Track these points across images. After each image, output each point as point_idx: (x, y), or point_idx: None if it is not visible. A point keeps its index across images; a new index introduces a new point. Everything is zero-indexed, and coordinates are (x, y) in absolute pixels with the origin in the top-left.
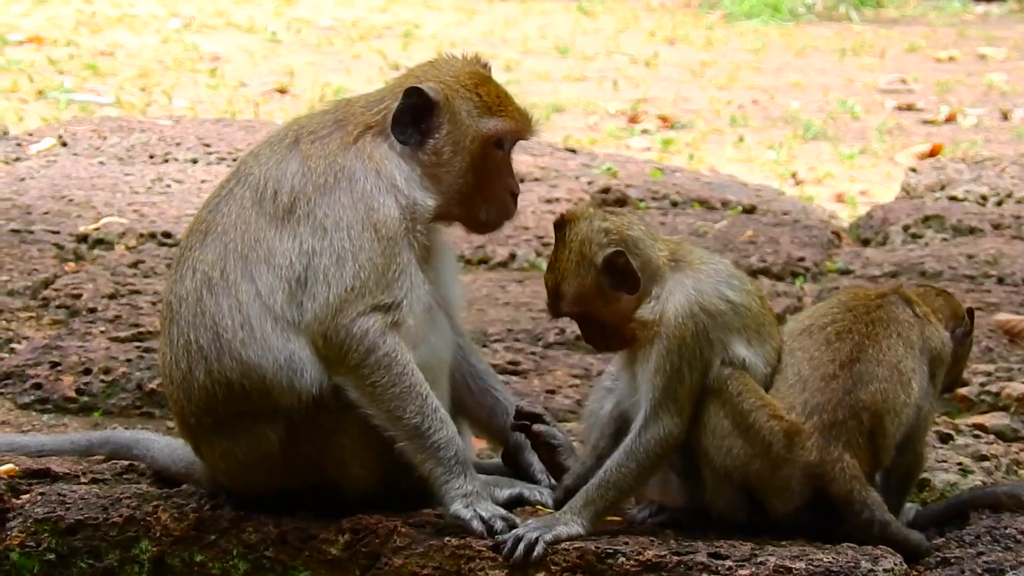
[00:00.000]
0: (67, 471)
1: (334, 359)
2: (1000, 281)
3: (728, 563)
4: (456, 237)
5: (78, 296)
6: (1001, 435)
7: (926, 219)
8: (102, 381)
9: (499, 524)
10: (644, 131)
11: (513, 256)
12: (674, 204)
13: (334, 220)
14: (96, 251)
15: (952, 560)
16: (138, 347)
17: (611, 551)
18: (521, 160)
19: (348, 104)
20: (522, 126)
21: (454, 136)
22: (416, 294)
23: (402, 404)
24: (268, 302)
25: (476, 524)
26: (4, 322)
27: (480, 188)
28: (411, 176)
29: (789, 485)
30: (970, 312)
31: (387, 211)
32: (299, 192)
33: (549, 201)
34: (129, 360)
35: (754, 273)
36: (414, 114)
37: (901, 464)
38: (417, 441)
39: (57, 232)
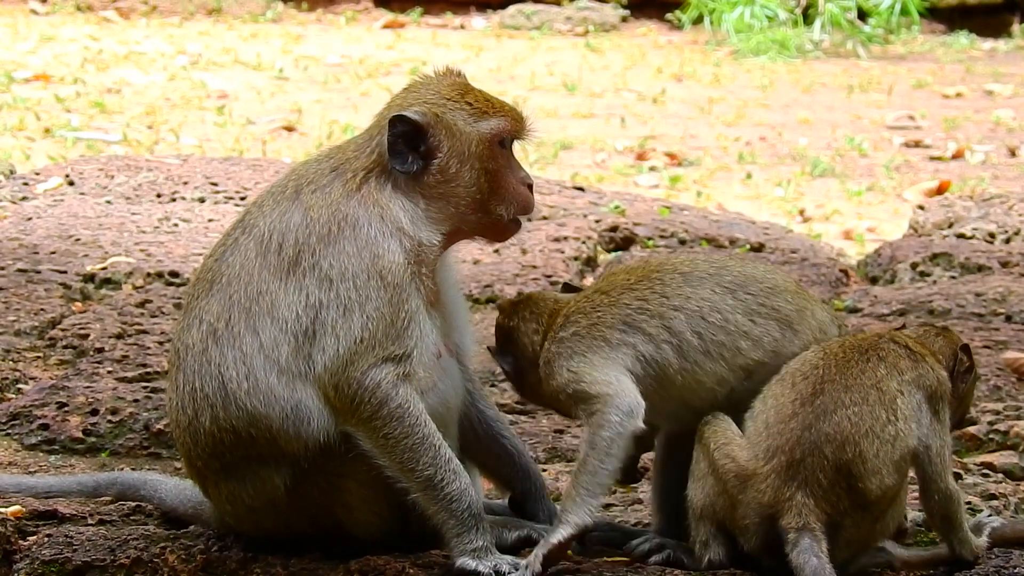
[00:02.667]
0: (74, 512)
1: (345, 410)
2: (1008, 319)
3: None
4: (464, 277)
5: (85, 336)
6: (1010, 474)
7: (934, 257)
8: (109, 422)
9: (505, 568)
10: (652, 168)
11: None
12: (682, 242)
13: (339, 270)
14: (103, 291)
15: None
16: (145, 387)
17: None
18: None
19: (341, 150)
20: (518, 122)
21: (457, 148)
22: (425, 343)
23: (415, 456)
24: (272, 355)
25: (483, 568)
26: (11, 362)
27: (495, 190)
28: (416, 213)
29: (746, 524)
30: (965, 348)
31: (392, 256)
32: (303, 244)
33: (557, 240)
34: (136, 400)
35: None
36: (407, 141)
37: (932, 508)
38: (430, 492)
39: (64, 272)
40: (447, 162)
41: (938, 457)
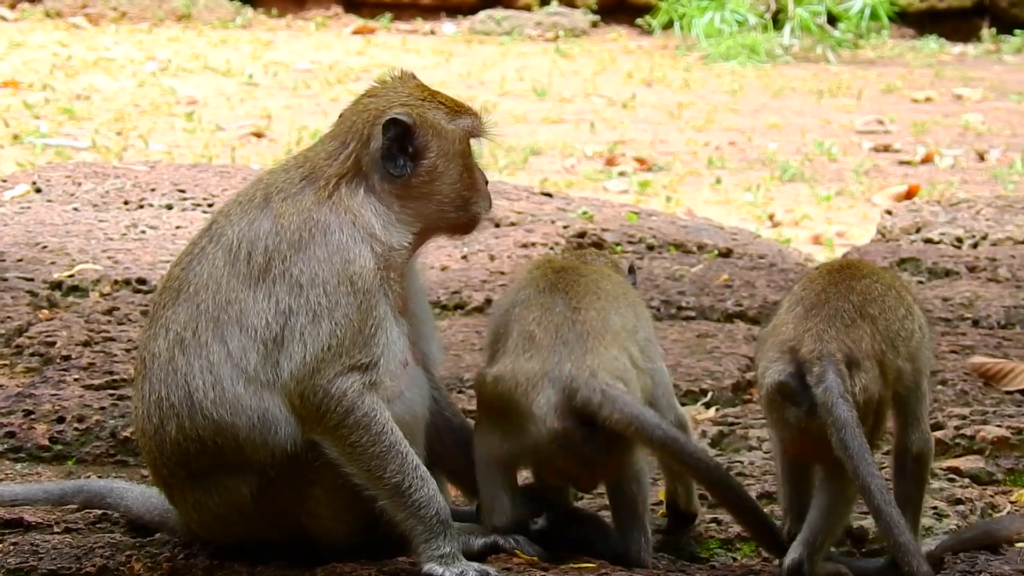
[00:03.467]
0: (40, 520)
1: (311, 418)
2: (975, 324)
3: None
4: (431, 283)
5: (52, 344)
6: (976, 479)
7: (902, 261)
8: (76, 429)
9: (472, 574)
10: (621, 173)
11: (489, 301)
12: (650, 248)
13: (310, 276)
14: (70, 298)
15: None
16: (112, 395)
17: None
18: (497, 204)
19: (310, 158)
20: (481, 120)
21: (443, 147)
22: (392, 351)
23: (382, 463)
24: (240, 364)
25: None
26: None
27: (473, 185)
28: (389, 217)
29: (766, 366)
30: None
31: (363, 262)
32: (273, 251)
33: (525, 246)
34: (103, 408)
35: (730, 317)
36: (399, 144)
37: (913, 443)
38: (398, 499)
39: (31, 279)
40: (436, 162)
41: (924, 397)
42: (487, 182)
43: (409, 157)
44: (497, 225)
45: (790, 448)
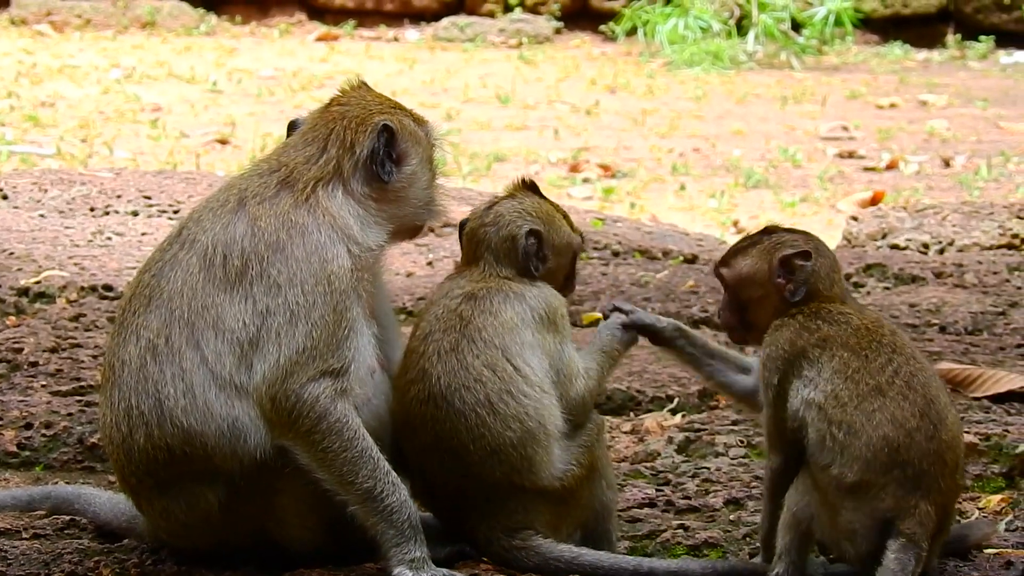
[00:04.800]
0: (8, 527)
1: (283, 424)
2: (943, 330)
3: None
4: (397, 289)
5: (19, 350)
6: None
7: (868, 268)
8: (43, 435)
9: None
10: (585, 180)
11: None
12: (615, 254)
13: (288, 276)
14: (37, 304)
15: None
16: (79, 401)
17: None
18: (461, 211)
19: (284, 163)
20: (433, 127)
21: (419, 152)
22: (362, 356)
23: (354, 469)
24: (214, 368)
25: None
26: None
27: (438, 188)
28: (367, 218)
29: (854, 528)
30: None
31: (340, 262)
32: (250, 253)
33: None
34: (70, 414)
35: (696, 323)
36: (387, 150)
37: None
38: (369, 505)
39: None
40: (417, 166)
41: None
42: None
43: (393, 163)
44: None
45: None
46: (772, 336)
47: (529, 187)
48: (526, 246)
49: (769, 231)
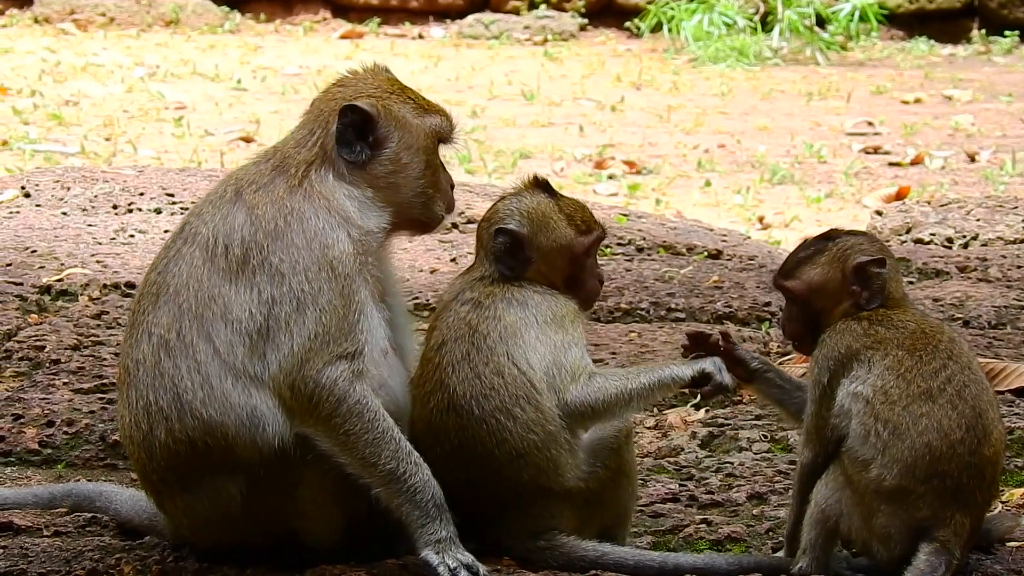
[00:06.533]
0: (30, 524)
1: (302, 410)
2: (966, 324)
3: None
4: (420, 285)
5: (41, 348)
6: None
7: None
8: (65, 433)
9: (463, 573)
10: (611, 176)
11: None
12: (639, 250)
13: (290, 264)
14: (59, 302)
15: None
16: (101, 399)
17: None
18: (486, 207)
19: (278, 149)
20: (452, 124)
21: (407, 140)
22: (375, 338)
23: (377, 450)
24: (227, 359)
25: (442, 570)
26: None
27: (434, 184)
28: (364, 201)
29: (889, 533)
30: None
31: (341, 246)
32: (250, 242)
33: None
34: (92, 412)
35: (720, 319)
36: (356, 131)
37: None
38: (393, 486)
39: (20, 284)
40: (398, 152)
41: None
42: (453, 186)
43: (368, 145)
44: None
45: None
46: (832, 338)
47: (539, 184)
48: (494, 244)
49: (831, 236)
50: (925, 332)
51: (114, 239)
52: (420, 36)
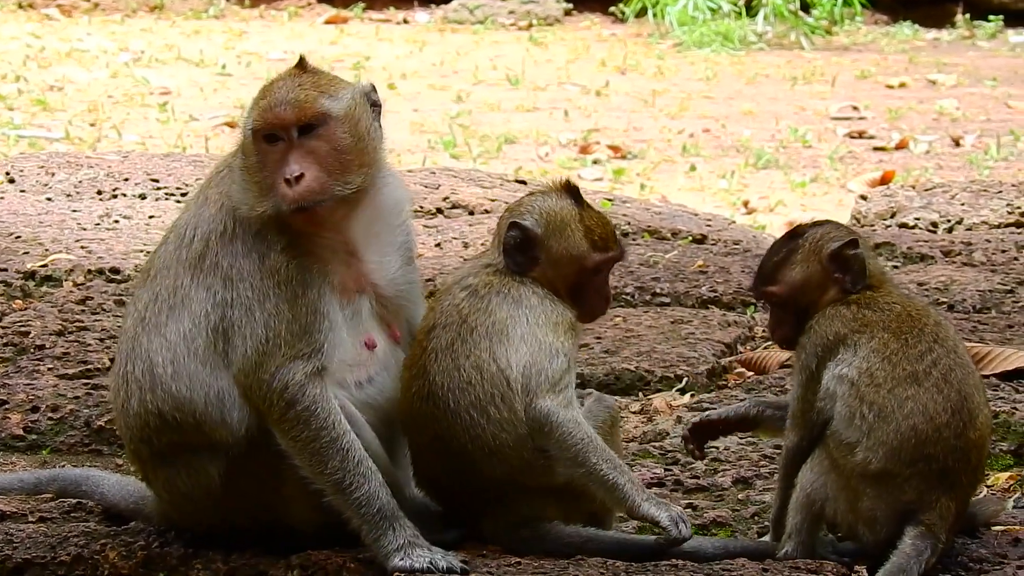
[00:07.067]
0: (14, 510)
1: (259, 411)
2: (951, 308)
3: None
4: None
5: (26, 333)
6: None
7: (876, 246)
8: (50, 419)
9: (442, 563)
10: (595, 161)
11: None
12: (624, 234)
13: (237, 270)
14: (44, 288)
15: None
16: (86, 384)
17: None
18: (470, 192)
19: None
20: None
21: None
22: (338, 335)
23: (323, 459)
24: (191, 346)
25: (419, 565)
26: None
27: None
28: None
29: (875, 516)
30: None
31: (275, 255)
32: (208, 239)
33: None
34: (77, 397)
35: (704, 303)
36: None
37: None
38: (339, 496)
39: (4, 270)
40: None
41: None
42: (288, 180)
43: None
44: (471, 212)
45: None
46: (820, 324)
47: (569, 190)
48: (506, 237)
49: (797, 233)
50: (911, 315)
51: (99, 224)
52: (405, 21)
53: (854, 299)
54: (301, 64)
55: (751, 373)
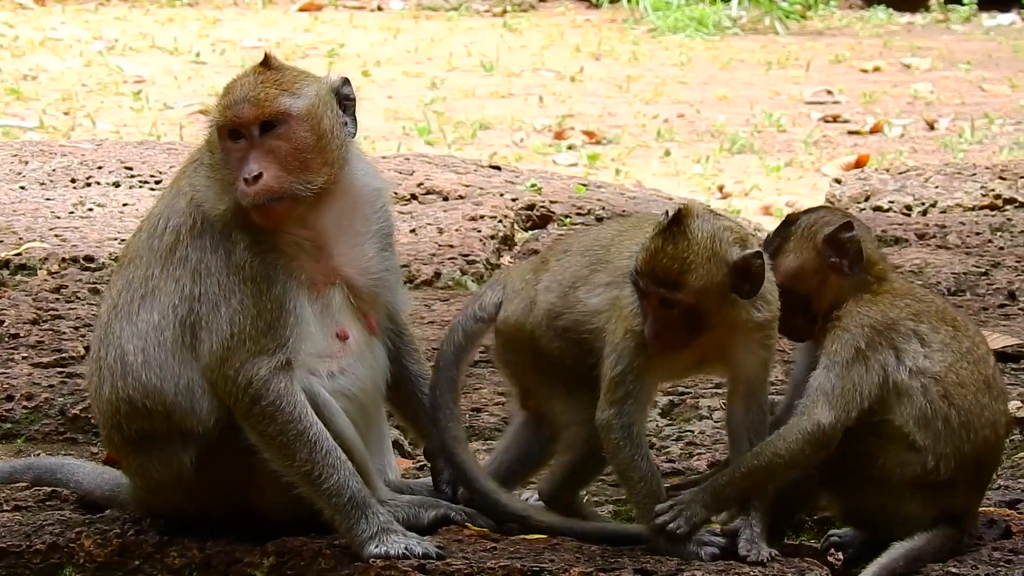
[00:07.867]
0: None
1: (227, 406)
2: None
3: None
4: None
5: (0, 322)
6: None
7: None
8: (24, 408)
9: (417, 548)
10: (570, 147)
11: (438, 274)
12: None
13: (206, 266)
14: (18, 277)
15: None
16: (60, 373)
17: (537, 569)
18: (445, 178)
19: None
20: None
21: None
22: (306, 328)
23: (290, 452)
24: (161, 337)
25: (394, 551)
26: None
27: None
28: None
29: (916, 515)
30: None
31: (242, 251)
32: (178, 231)
33: (474, 219)
34: (52, 386)
35: None
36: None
37: None
38: (310, 487)
39: None
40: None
41: None
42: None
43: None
44: (446, 198)
45: None
46: (858, 308)
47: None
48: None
49: (789, 221)
50: (941, 308)
51: (72, 213)
52: (379, 8)
53: (876, 288)
54: (266, 61)
55: None
